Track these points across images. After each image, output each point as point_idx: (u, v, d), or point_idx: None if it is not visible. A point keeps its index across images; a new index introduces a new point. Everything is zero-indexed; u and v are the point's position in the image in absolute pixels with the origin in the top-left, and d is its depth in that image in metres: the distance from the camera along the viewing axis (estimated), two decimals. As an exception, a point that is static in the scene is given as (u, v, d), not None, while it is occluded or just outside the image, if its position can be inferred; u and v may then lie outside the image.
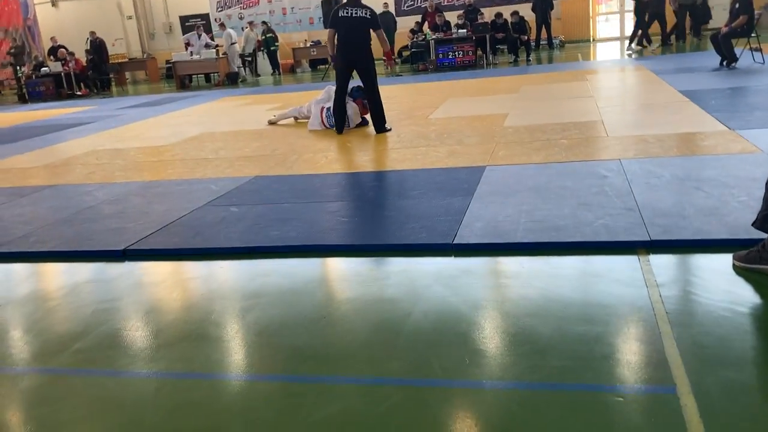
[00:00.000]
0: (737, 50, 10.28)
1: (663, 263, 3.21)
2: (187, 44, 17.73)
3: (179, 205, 4.96)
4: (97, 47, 19.16)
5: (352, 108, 7.76)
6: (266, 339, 2.83)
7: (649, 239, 3.41)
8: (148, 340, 2.93)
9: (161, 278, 3.72)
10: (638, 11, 15.46)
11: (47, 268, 4.05)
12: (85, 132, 9.84)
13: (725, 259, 3.17)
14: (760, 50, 10.34)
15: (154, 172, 6.39)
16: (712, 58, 10.97)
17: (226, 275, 3.66)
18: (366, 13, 7.35)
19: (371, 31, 7.38)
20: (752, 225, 3.03)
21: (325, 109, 7.98)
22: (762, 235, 3.03)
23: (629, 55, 14.19)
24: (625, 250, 3.37)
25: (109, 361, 2.74)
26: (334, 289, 3.40)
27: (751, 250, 3.01)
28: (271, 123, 8.84)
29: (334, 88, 7.74)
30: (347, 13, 7.32)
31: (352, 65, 7.46)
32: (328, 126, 7.94)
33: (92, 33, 19.41)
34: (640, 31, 15.41)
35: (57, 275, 3.94)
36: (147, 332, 3.01)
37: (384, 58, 8.21)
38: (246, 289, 3.42)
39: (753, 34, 10.41)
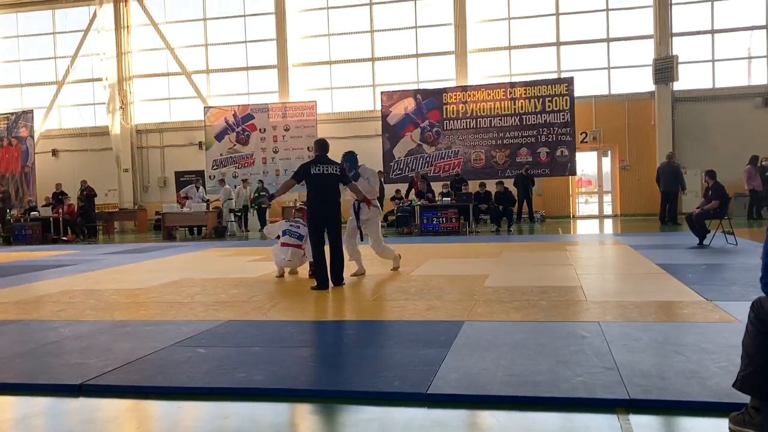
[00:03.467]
0: (712, 231, 10.67)
1: (643, 423, 3.06)
2: (186, 197, 18.22)
3: (145, 344, 4.78)
4: (88, 196, 19.55)
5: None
6: (217, 483, 2.59)
7: (628, 398, 3.28)
8: (88, 478, 2.68)
9: (115, 415, 3.48)
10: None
11: (-5, 400, 3.80)
12: (64, 273, 9.74)
13: (708, 423, 3.05)
14: (733, 233, 10.69)
15: (126, 313, 6.24)
16: (688, 237, 11.32)
17: (184, 415, 3.44)
18: (336, 170, 7.50)
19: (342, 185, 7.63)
20: (733, 386, 2.94)
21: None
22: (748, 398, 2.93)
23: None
24: (603, 408, 3.23)
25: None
26: (297, 435, 3.19)
27: (739, 413, 2.90)
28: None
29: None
30: (319, 170, 7.40)
31: (325, 221, 7.49)
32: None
33: (83, 182, 19.90)
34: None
35: (6, 408, 3.68)
36: (88, 470, 2.76)
37: (365, 204, 8.12)
38: (202, 431, 3.19)
39: (726, 217, 10.84)
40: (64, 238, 18.29)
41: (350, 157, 8.28)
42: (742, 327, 4.73)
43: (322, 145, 7.71)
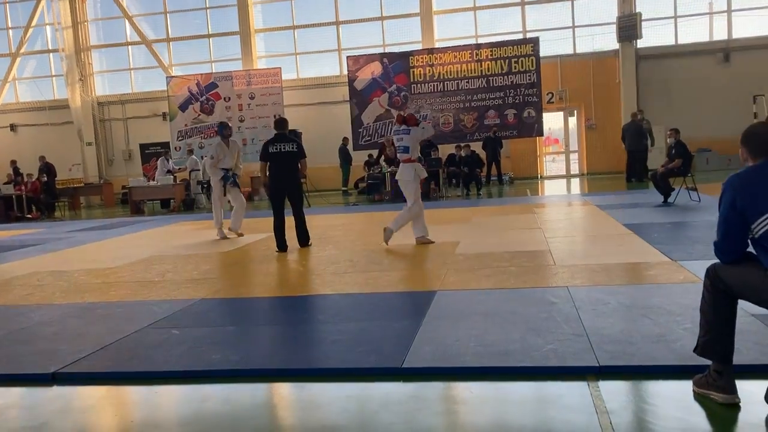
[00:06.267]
0: (676, 188, 10.90)
1: (613, 389, 3.15)
2: (168, 170, 18.05)
3: (118, 327, 4.75)
4: (47, 171, 19.07)
5: None
6: (197, 469, 2.62)
7: (597, 365, 3.37)
8: (67, 470, 2.69)
9: (91, 403, 3.48)
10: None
11: (-34, 392, 3.76)
12: (30, 254, 9.57)
13: (674, 385, 3.15)
14: (696, 190, 10.91)
15: (96, 294, 6.18)
16: (653, 196, 11.54)
17: (160, 400, 3.45)
18: (293, 147, 8.18)
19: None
20: (693, 351, 3.04)
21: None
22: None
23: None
24: (574, 375, 3.32)
25: (19, 495, 2.48)
26: (276, 416, 3.23)
27: (702, 376, 2.99)
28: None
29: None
30: (276, 148, 8.14)
31: (284, 191, 8.22)
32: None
33: (42, 158, 19.30)
34: None
35: (-24, 400, 3.65)
36: (67, 462, 2.76)
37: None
38: (180, 416, 3.21)
39: (689, 174, 11.05)
40: (29, 215, 17.93)
41: (221, 124, 9.86)
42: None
43: (279, 124, 8.40)
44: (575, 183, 18.56)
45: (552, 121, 21.89)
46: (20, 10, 23.70)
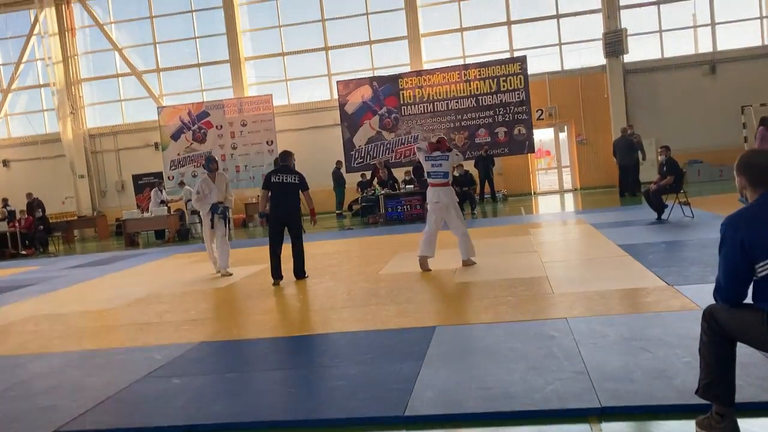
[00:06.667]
0: (669, 204, 10.96)
1: (615, 431, 3.15)
2: (162, 201, 18.07)
3: (118, 377, 4.73)
4: (37, 207, 18.99)
5: None
6: None
7: (599, 406, 3.37)
8: None
9: (92, 464, 3.46)
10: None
11: (-34, 455, 3.74)
12: (26, 295, 9.51)
13: (677, 426, 3.16)
14: (689, 204, 10.97)
15: (95, 340, 6.15)
16: (646, 212, 11.59)
17: (163, 459, 3.43)
18: (295, 179, 8.36)
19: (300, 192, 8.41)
20: (695, 393, 3.03)
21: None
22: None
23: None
24: (576, 418, 3.32)
25: None
26: (279, 472, 3.21)
27: (705, 417, 2.99)
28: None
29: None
30: (278, 179, 8.32)
31: (284, 222, 8.32)
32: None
33: (29, 195, 19.20)
34: None
35: (-23, 463, 3.63)
36: None
37: (310, 215, 8.80)
38: (184, 475, 3.20)
39: (681, 191, 11.11)
40: (23, 252, 17.87)
41: (207, 158, 9.98)
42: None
43: (283, 156, 8.63)
44: (569, 199, 18.62)
45: (543, 137, 22.02)
46: (11, 46, 23.82)
